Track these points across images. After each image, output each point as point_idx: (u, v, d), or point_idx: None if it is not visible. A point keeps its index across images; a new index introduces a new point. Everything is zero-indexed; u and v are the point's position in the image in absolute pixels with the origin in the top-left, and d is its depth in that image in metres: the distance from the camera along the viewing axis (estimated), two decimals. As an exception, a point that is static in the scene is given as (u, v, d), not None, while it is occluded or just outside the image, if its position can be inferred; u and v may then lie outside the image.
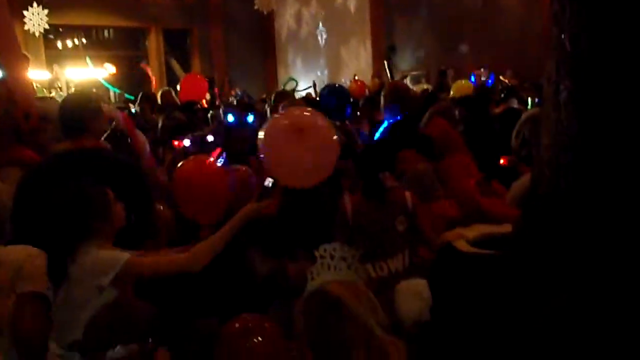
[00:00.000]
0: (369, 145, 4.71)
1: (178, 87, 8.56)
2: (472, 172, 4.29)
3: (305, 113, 3.22)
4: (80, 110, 3.35)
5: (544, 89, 2.16)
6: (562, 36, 1.92)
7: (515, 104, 6.44)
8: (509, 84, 9.26)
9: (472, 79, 10.45)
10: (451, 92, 7.92)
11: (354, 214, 3.33)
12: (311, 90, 12.10)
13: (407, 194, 3.43)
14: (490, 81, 10.74)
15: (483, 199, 3.93)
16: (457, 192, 3.96)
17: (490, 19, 13.09)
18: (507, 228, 2.92)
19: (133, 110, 7.89)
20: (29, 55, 6.14)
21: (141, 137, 4.43)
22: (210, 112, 7.07)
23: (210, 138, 4.57)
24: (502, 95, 7.16)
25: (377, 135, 4.96)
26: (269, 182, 2.69)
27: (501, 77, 10.72)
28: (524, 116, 4.27)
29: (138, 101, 7.99)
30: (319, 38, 16.86)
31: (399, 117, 4.83)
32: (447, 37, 13.73)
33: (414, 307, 3.37)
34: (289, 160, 2.82)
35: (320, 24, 16.86)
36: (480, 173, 4.29)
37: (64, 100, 3.81)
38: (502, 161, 4.21)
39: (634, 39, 1.78)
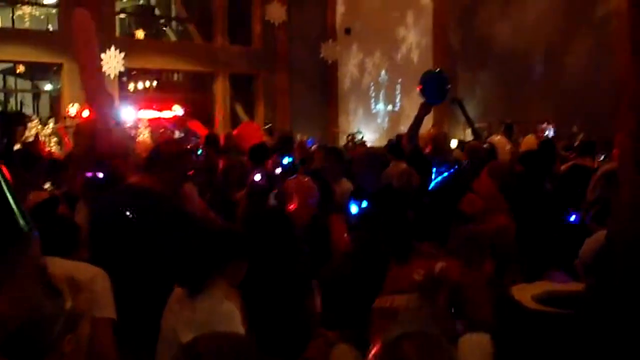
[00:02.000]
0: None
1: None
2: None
3: None
4: (157, 152, 3.47)
5: (620, 143, 2.12)
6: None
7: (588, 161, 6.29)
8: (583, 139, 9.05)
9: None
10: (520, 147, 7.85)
11: None
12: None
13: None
14: (551, 134, 10.58)
15: None
16: None
17: (554, 74, 12.98)
18: (570, 287, 2.83)
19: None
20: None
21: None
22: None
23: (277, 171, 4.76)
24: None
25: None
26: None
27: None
28: (599, 172, 4.16)
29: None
30: (381, 88, 17.04)
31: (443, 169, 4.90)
32: (510, 91, 13.66)
33: (478, 361, 3.28)
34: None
35: (382, 75, 17.05)
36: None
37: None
38: (572, 218, 4.11)
39: None
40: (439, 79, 5.14)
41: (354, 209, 4.09)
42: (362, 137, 13.66)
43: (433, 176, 4.94)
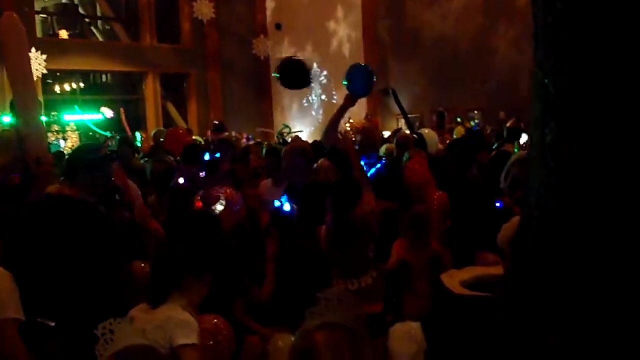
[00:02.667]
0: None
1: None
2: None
3: None
4: (77, 160, 3.37)
5: (530, 132, 2.20)
6: (546, 80, 1.97)
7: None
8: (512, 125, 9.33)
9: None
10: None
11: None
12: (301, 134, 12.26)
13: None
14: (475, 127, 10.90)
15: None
16: None
17: (482, 61, 13.31)
18: (499, 271, 2.93)
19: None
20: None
21: (134, 187, 4.41)
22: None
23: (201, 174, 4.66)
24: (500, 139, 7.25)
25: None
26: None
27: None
28: (512, 159, 4.31)
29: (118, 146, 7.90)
30: (314, 81, 17.06)
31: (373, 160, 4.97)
32: (440, 80, 13.95)
33: (408, 350, 3.36)
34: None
35: (315, 68, 17.09)
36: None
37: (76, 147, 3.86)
38: (498, 203, 4.24)
39: (617, 83, 1.82)
40: (365, 72, 5.19)
41: (287, 206, 4.09)
42: (290, 132, 13.62)
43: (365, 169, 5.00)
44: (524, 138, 6.81)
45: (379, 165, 5.05)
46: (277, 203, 3.99)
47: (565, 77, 1.89)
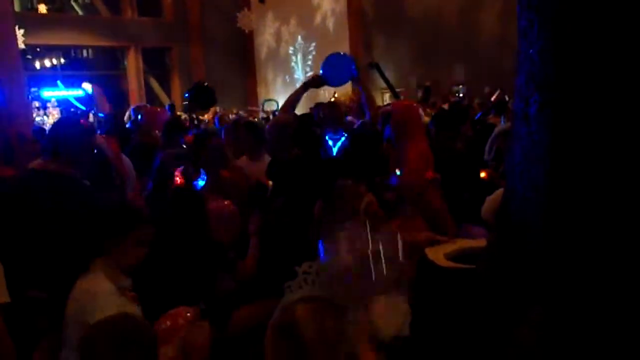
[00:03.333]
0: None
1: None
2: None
3: None
4: (58, 134, 3.32)
5: (514, 103, 2.18)
6: (530, 50, 1.95)
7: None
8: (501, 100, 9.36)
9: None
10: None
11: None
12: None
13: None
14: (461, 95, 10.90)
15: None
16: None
17: (467, 35, 13.27)
18: (484, 243, 2.94)
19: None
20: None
21: (127, 162, 4.37)
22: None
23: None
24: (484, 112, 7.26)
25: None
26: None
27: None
28: (496, 131, 4.31)
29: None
30: (298, 56, 16.94)
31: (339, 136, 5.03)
32: (425, 53, 13.90)
33: (393, 322, 3.37)
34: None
35: (299, 42, 16.96)
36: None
37: (54, 121, 3.81)
38: (482, 175, 4.24)
39: (601, 52, 1.81)
40: (342, 63, 5.27)
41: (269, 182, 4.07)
42: (278, 108, 13.54)
43: (331, 144, 5.04)
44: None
45: (343, 139, 5.07)
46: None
47: (549, 46, 1.88)
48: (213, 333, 2.69)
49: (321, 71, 5.22)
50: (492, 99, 8.09)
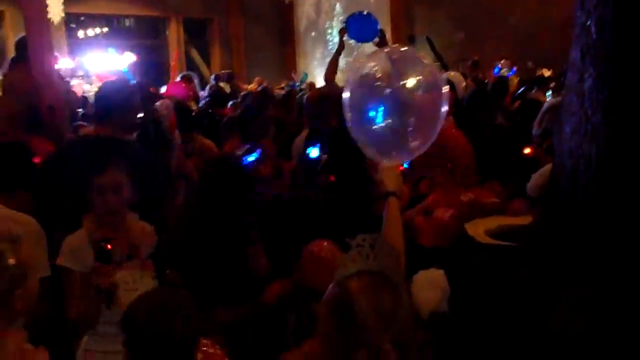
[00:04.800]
0: None
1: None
2: None
3: None
4: (107, 99, 3.37)
5: (566, 76, 2.12)
6: (588, 22, 1.88)
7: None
8: (544, 75, 9.15)
9: (496, 70, 10.40)
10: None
11: None
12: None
13: None
14: (511, 73, 10.66)
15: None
16: None
17: (508, 11, 12.97)
18: (526, 220, 2.89)
19: None
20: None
21: (176, 134, 4.53)
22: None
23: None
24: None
25: None
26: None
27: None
28: (545, 105, 4.19)
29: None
30: (336, 28, 16.78)
31: None
32: (467, 27, 13.62)
33: (431, 298, 3.35)
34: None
35: (338, 12, 16.78)
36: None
37: (100, 86, 3.82)
38: (526, 151, 4.14)
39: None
40: (363, 19, 5.18)
41: (314, 152, 4.05)
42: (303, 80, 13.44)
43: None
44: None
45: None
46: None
47: (608, 16, 1.81)
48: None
49: (345, 24, 5.16)
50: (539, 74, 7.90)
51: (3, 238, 1.79)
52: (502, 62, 12.71)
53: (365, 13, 5.35)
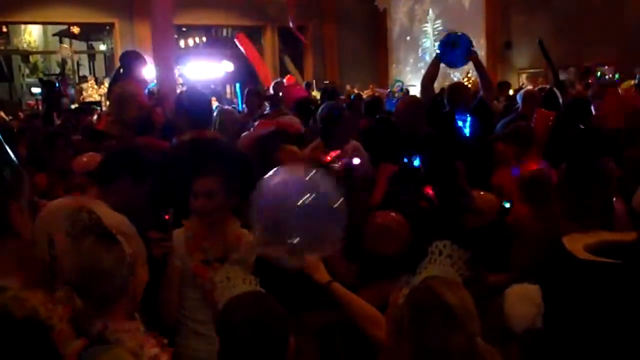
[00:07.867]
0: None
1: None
2: None
3: None
4: (203, 106, 3.78)
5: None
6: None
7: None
8: None
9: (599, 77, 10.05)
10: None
11: None
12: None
13: None
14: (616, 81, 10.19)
15: None
16: None
17: (614, 12, 12.36)
18: (626, 236, 2.77)
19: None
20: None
21: None
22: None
23: None
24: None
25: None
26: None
27: None
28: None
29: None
30: (430, 35, 16.64)
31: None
32: (567, 33, 13.10)
33: (526, 313, 3.27)
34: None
35: (433, 21, 16.63)
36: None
37: (190, 97, 4.03)
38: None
39: None
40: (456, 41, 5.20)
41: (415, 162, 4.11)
42: (402, 88, 13.40)
43: (460, 124, 5.03)
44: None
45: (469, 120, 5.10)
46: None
47: None
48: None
49: (438, 51, 5.26)
50: None
51: (116, 232, 1.94)
52: (605, 68, 12.16)
53: (459, 34, 5.39)
